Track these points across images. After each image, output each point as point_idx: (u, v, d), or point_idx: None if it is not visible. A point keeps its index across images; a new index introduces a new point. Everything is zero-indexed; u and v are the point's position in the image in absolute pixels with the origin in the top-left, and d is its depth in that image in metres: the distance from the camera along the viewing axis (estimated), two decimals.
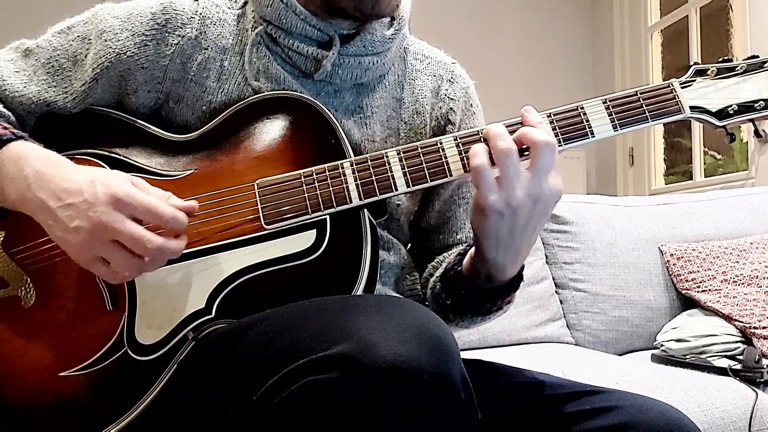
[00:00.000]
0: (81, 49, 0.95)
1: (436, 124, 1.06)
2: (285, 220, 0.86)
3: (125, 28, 0.94)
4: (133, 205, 0.77)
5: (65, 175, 0.81)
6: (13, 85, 0.93)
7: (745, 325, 1.74)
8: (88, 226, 0.76)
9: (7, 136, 0.84)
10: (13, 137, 0.85)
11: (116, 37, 0.93)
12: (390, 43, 1.01)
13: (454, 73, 1.10)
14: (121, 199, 0.77)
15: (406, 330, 0.65)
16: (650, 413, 0.85)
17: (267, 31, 0.97)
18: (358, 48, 0.98)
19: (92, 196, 0.77)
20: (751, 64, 0.91)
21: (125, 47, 0.93)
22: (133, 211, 0.77)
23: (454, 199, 1.08)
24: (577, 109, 0.89)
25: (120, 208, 0.77)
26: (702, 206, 2.15)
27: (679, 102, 0.90)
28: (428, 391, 0.63)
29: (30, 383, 0.86)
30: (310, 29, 0.96)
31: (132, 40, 0.93)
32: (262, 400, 0.67)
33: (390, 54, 1.02)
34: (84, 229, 0.77)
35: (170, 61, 0.94)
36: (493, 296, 0.95)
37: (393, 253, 1.02)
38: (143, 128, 0.95)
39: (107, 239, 0.77)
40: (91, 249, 0.78)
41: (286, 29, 0.96)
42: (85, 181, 0.79)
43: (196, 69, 0.96)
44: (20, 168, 0.82)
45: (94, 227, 0.76)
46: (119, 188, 0.78)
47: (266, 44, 0.97)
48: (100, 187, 0.78)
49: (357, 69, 0.99)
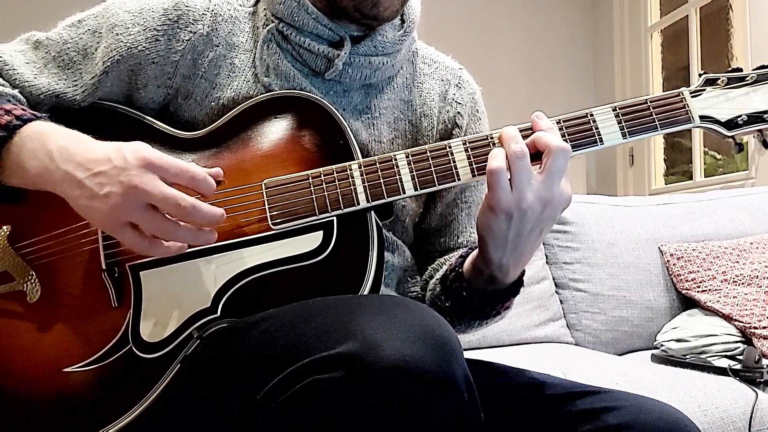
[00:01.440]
0: (91, 42, 0.95)
1: (443, 127, 1.07)
2: (292, 220, 0.86)
3: (137, 22, 0.94)
4: (165, 167, 0.77)
5: (90, 147, 0.80)
6: (24, 75, 0.93)
7: (745, 325, 1.75)
8: (121, 190, 0.76)
9: (27, 116, 0.85)
10: (34, 117, 0.85)
11: (128, 31, 0.93)
12: (400, 44, 1.01)
13: (461, 78, 1.11)
14: (152, 162, 0.77)
15: (410, 330, 0.66)
16: (650, 413, 0.85)
17: (278, 28, 0.97)
18: (368, 48, 0.98)
19: (122, 162, 0.77)
20: (762, 75, 0.91)
21: (136, 41, 0.93)
22: (165, 173, 0.77)
23: (457, 203, 1.08)
24: (587, 116, 0.89)
25: (152, 170, 0.77)
26: (702, 206, 2.15)
27: (689, 111, 0.90)
28: (432, 391, 0.64)
29: (34, 378, 0.86)
30: (321, 28, 0.96)
31: (143, 35, 0.93)
32: (267, 399, 0.67)
33: (399, 56, 1.02)
34: (116, 194, 0.76)
35: (181, 56, 0.95)
36: (493, 299, 0.95)
37: (397, 255, 1.02)
38: (151, 124, 0.95)
39: (141, 202, 0.76)
40: (121, 213, 0.77)
41: (298, 27, 0.96)
42: (112, 149, 0.79)
43: (206, 66, 0.96)
44: (43, 143, 0.82)
45: (127, 190, 0.76)
46: (149, 152, 0.78)
47: (277, 42, 0.98)
48: (129, 153, 0.77)
49: (367, 69, 0.99)
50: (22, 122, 0.84)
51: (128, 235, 0.78)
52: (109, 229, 0.80)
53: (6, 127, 0.83)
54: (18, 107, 0.86)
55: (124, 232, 0.78)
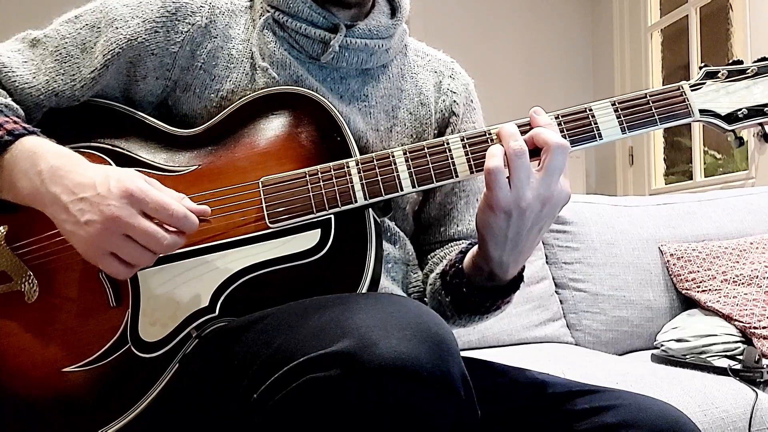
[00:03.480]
0: (90, 37, 0.95)
1: (441, 116, 1.08)
2: (289, 218, 0.86)
3: (135, 14, 0.94)
4: (146, 201, 0.78)
5: (79, 170, 0.81)
6: (23, 77, 0.92)
7: (745, 325, 1.75)
8: (101, 219, 0.77)
9: (18, 131, 0.85)
10: (25, 132, 0.85)
11: (126, 24, 0.93)
12: (393, 29, 1.02)
13: (453, 70, 1.12)
14: (133, 194, 0.77)
15: (406, 328, 0.66)
16: (650, 412, 0.85)
17: (274, 17, 0.98)
18: (363, 32, 0.99)
19: (105, 190, 0.78)
20: (762, 67, 0.90)
21: (136, 33, 0.93)
22: (145, 207, 0.78)
23: (455, 192, 1.09)
24: (586, 111, 0.88)
25: (132, 203, 0.77)
26: (702, 206, 2.15)
27: (688, 105, 0.89)
28: (428, 389, 0.64)
29: (32, 379, 0.86)
30: (316, 15, 0.97)
31: (143, 27, 0.93)
32: (263, 398, 0.67)
33: (393, 42, 1.03)
34: (96, 222, 0.77)
35: (180, 48, 0.95)
36: (493, 295, 0.95)
37: (398, 247, 1.03)
38: (147, 122, 0.95)
39: (119, 233, 0.77)
40: (101, 243, 0.78)
41: (293, 14, 0.97)
42: (99, 176, 0.79)
43: (205, 57, 0.96)
44: (34, 163, 0.82)
45: (107, 220, 0.77)
46: (133, 183, 0.78)
47: (273, 30, 0.98)
48: (114, 182, 0.78)
49: (363, 52, 1.00)
50: (14, 137, 0.84)
51: (107, 262, 0.79)
52: (90, 258, 0.80)
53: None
54: (10, 120, 0.86)
55: (104, 260, 0.79)
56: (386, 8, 1.05)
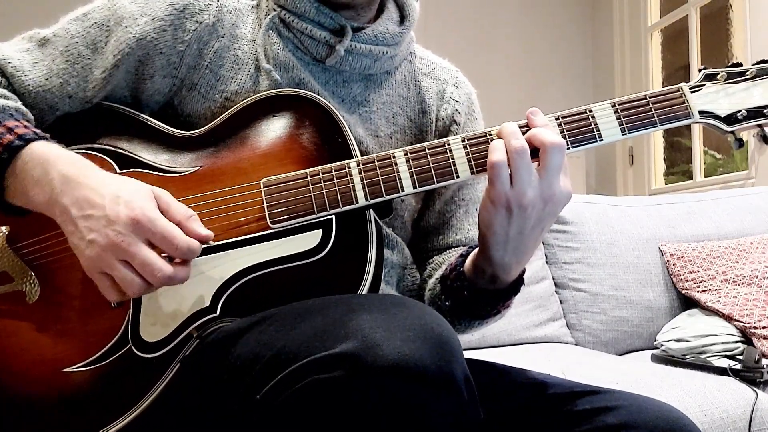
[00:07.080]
0: (99, 36, 0.94)
1: (442, 124, 1.08)
2: (290, 219, 0.86)
3: (144, 12, 0.94)
4: (152, 231, 0.77)
5: (91, 183, 0.80)
6: (35, 80, 0.92)
7: (745, 325, 1.75)
8: (103, 242, 0.76)
9: (29, 136, 0.84)
10: (36, 137, 0.84)
11: (135, 22, 0.93)
12: (400, 37, 1.02)
13: (458, 79, 1.12)
14: (140, 223, 0.77)
15: (410, 329, 0.66)
16: (650, 413, 0.85)
17: (281, 16, 0.98)
18: (369, 37, 0.99)
19: (114, 214, 0.77)
20: (762, 69, 0.91)
21: (145, 32, 0.93)
22: (151, 236, 0.77)
23: (455, 200, 1.09)
24: (586, 112, 0.88)
25: (137, 231, 0.77)
26: (702, 206, 2.16)
27: (688, 106, 0.89)
28: (431, 390, 0.64)
29: (34, 378, 0.86)
30: (323, 16, 0.97)
31: (151, 25, 0.93)
32: (266, 399, 0.67)
33: (399, 50, 1.03)
34: (98, 244, 0.77)
35: (187, 47, 0.95)
36: (494, 299, 0.95)
37: (396, 252, 1.02)
38: (149, 123, 0.95)
39: (119, 258, 0.77)
40: (100, 263, 0.78)
41: (300, 14, 0.97)
42: (110, 195, 0.78)
43: (211, 56, 0.96)
44: (46, 171, 0.81)
45: (108, 245, 0.76)
46: (141, 211, 0.77)
47: (278, 30, 0.98)
48: (123, 206, 0.77)
49: (367, 58, 1.00)
50: (24, 142, 0.83)
51: (102, 281, 0.79)
52: (89, 272, 0.80)
53: (8, 147, 0.83)
54: (21, 124, 0.85)
55: (100, 279, 0.79)
56: (395, 14, 1.05)
